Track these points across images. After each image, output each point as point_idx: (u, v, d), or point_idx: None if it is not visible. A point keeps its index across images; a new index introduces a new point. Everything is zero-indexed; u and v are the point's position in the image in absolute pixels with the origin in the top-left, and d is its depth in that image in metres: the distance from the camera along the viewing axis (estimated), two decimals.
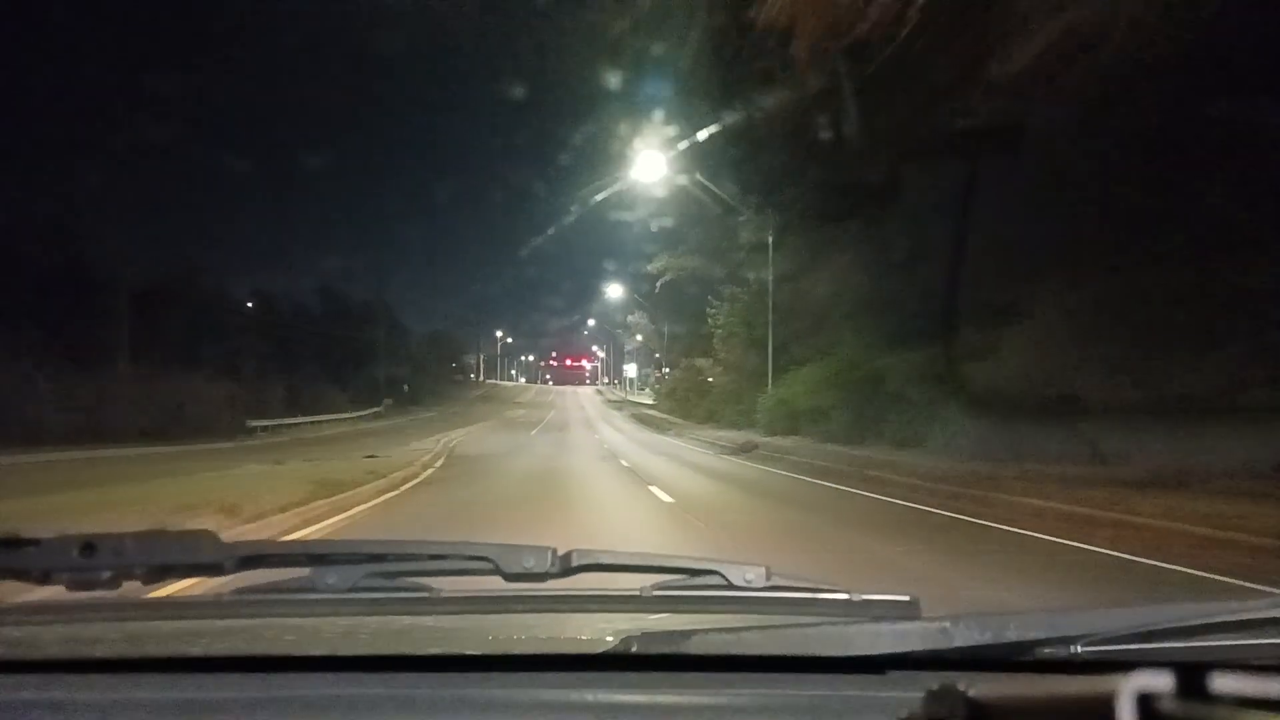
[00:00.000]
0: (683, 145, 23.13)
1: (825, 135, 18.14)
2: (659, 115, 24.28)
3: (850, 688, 1.08)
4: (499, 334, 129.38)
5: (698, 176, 25.91)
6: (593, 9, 20.59)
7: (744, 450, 23.88)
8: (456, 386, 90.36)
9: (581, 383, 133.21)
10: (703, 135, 21.31)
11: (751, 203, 27.08)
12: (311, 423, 38.30)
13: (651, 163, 25.76)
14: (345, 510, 9.98)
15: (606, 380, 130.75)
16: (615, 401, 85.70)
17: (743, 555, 5.88)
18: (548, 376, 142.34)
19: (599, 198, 31.09)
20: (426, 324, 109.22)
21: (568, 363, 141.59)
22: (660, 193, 29.93)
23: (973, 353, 17.74)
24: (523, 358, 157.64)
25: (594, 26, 20.56)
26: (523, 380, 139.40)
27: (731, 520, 10.10)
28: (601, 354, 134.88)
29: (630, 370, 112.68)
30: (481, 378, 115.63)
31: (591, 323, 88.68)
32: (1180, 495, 10.02)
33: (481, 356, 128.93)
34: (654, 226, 36.82)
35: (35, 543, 1.28)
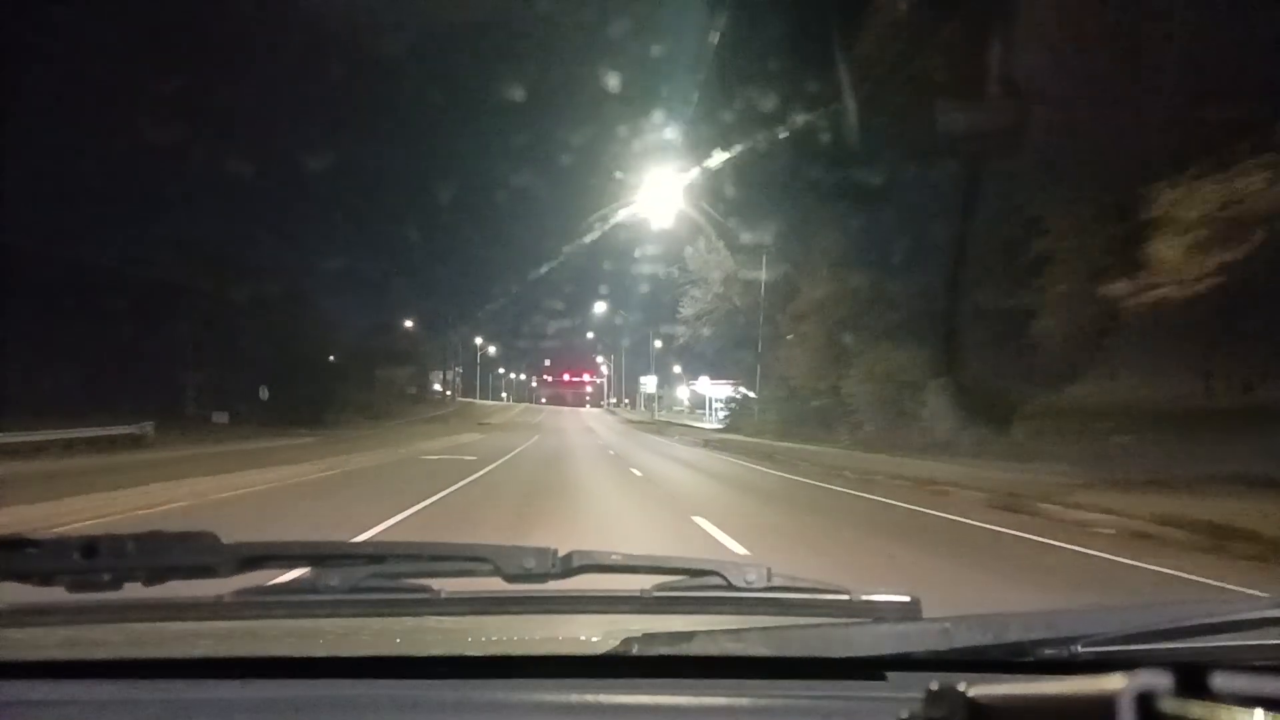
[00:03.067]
0: None
1: None
2: None
3: (851, 689, 1.06)
4: (479, 341, 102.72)
5: None
6: None
7: None
8: (410, 403, 64.72)
9: (582, 403, 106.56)
10: None
11: None
12: None
13: None
14: None
15: (614, 400, 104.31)
16: (645, 423, 59.16)
17: None
18: (542, 398, 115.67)
19: None
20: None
21: (566, 378, 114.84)
22: None
23: None
24: (511, 375, 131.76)
25: None
26: (512, 402, 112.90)
27: None
28: (606, 370, 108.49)
29: (648, 384, 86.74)
30: (451, 394, 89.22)
31: (601, 307, 60.84)
32: None
33: (457, 370, 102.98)
34: None
35: (36, 544, 1.26)
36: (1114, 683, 0.66)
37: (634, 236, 38.48)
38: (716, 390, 69.80)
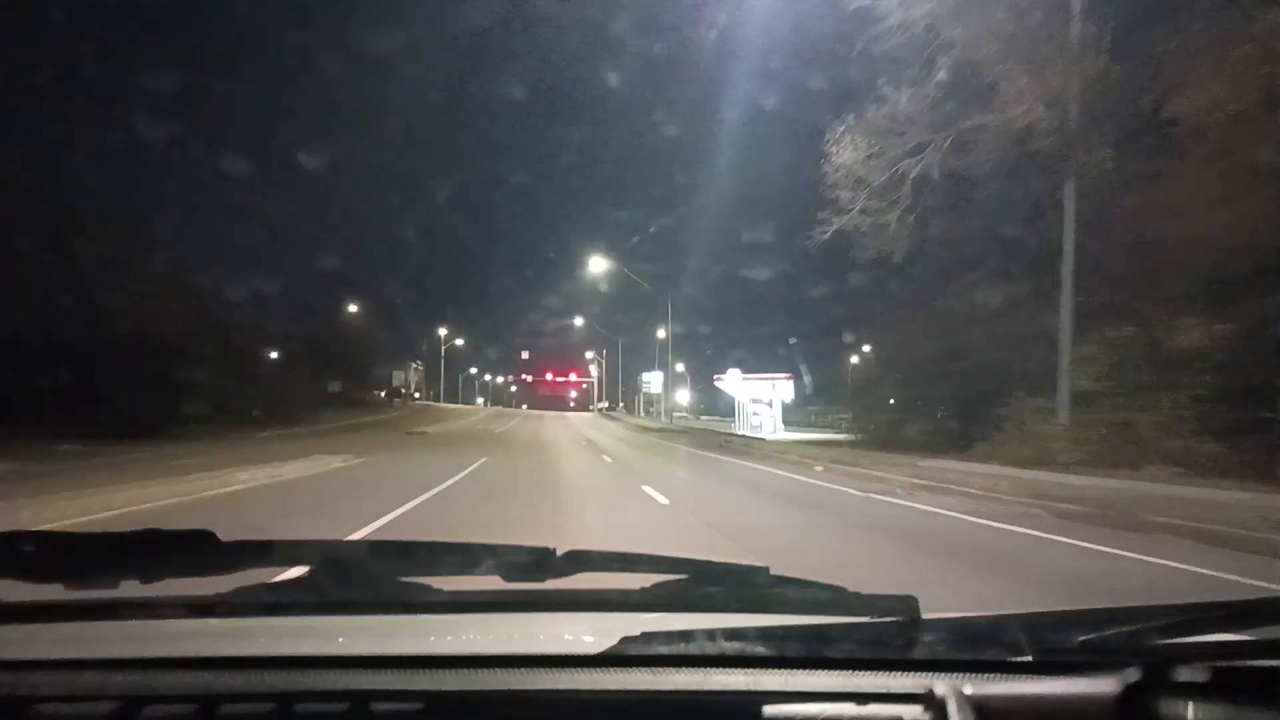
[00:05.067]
0: None
1: None
2: None
3: (851, 687, 1.06)
4: (443, 332, 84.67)
5: None
6: None
7: None
8: (335, 404, 46.88)
9: (566, 407, 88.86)
10: None
11: None
12: None
13: None
14: None
15: (606, 403, 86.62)
16: (668, 432, 41.08)
17: None
18: (523, 404, 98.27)
19: None
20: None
21: (549, 377, 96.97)
22: None
23: None
24: (487, 376, 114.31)
25: None
26: (485, 405, 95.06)
27: None
28: (595, 371, 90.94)
29: (652, 382, 69.04)
30: (405, 395, 71.36)
31: (598, 265, 42.31)
32: None
33: (415, 367, 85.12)
34: None
35: (34, 542, 1.25)
36: (1111, 682, 0.64)
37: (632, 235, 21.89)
38: (749, 389, 52.16)
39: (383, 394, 66.24)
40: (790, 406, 52.90)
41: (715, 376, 53.39)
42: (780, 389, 53.52)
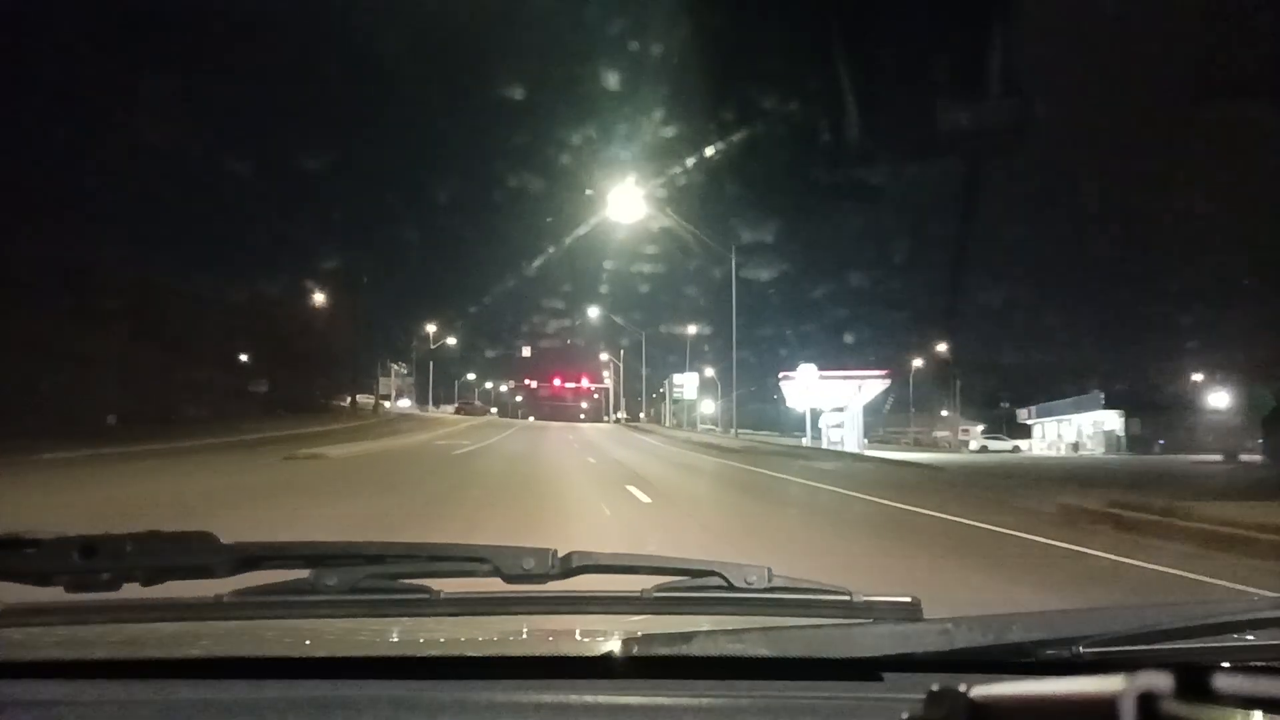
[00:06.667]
0: None
1: None
2: None
3: (852, 689, 1.06)
4: (431, 329, 71.26)
5: None
6: None
7: None
8: (256, 410, 33.56)
9: (576, 417, 75.16)
10: None
11: None
12: None
13: None
14: None
15: (624, 414, 72.96)
16: (823, 463, 25.20)
17: None
18: (530, 415, 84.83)
19: None
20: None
21: (555, 382, 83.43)
22: None
23: None
24: (488, 385, 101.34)
25: None
26: (493, 410, 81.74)
27: None
28: (609, 378, 77.69)
29: (685, 386, 55.43)
30: (375, 402, 57.97)
31: (623, 198, 29.15)
32: None
33: (397, 368, 71.95)
34: None
35: (34, 544, 1.24)
36: (1115, 683, 0.67)
37: None
38: (826, 391, 38.03)
39: (348, 400, 52.89)
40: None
41: (782, 374, 39.15)
42: (867, 390, 39.52)
